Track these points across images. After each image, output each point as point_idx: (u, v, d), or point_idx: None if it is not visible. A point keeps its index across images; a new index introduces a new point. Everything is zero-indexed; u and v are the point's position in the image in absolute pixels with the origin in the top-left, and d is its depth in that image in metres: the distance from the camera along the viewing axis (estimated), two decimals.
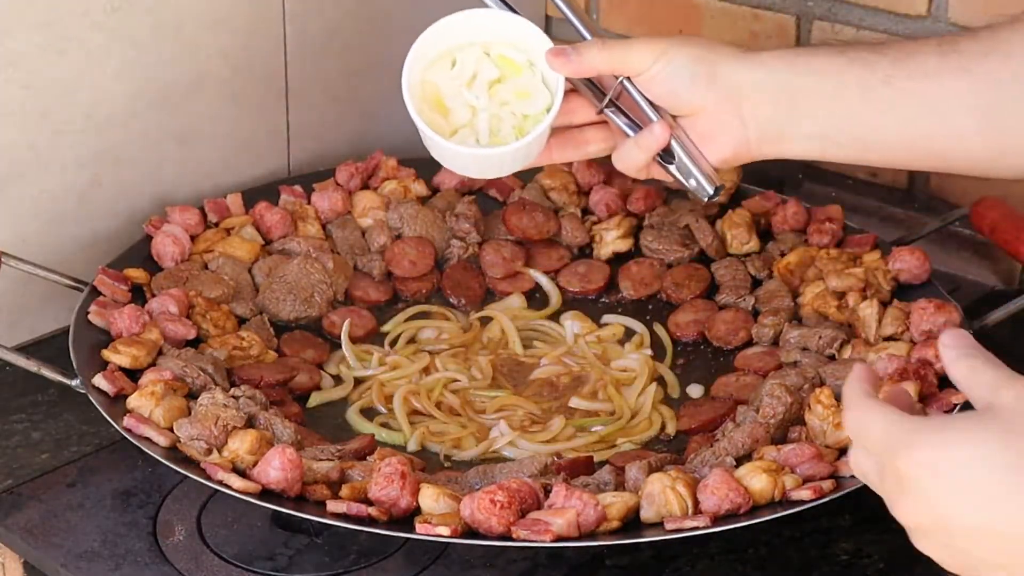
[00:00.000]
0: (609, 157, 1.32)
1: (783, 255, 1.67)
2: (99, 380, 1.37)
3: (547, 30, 1.27)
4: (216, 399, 1.34)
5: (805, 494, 1.23)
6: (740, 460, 1.30)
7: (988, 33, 1.15)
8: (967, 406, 1.33)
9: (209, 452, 1.29)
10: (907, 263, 1.58)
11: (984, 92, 1.13)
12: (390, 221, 1.74)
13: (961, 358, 0.83)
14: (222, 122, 1.76)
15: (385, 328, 1.63)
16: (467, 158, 1.28)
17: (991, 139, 1.15)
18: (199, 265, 1.62)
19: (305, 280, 1.62)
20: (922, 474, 0.77)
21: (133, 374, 1.40)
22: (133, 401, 1.33)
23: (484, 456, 1.41)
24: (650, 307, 1.69)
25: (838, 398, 1.35)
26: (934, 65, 1.15)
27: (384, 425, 1.46)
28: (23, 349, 1.51)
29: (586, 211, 1.79)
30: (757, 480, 1.23)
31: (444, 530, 1.19)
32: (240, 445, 1.28)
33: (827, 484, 1.24)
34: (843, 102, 1.19)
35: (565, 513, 1.19)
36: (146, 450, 1.29)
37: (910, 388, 1.35)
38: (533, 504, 1.22)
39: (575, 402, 1.50)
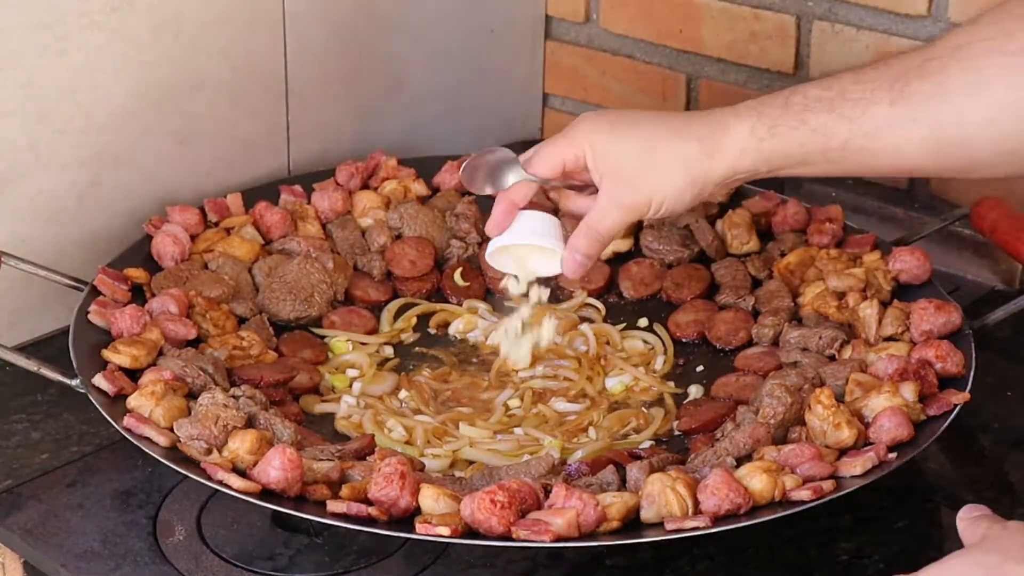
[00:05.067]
0: None
1: (783, 255, 1.67)
2: (99, 380, 1.36)
3: (547, 30, 1.27)
4: (216, 399, 1.34)
5: (805, 494, 1.23)
6: (740, 460, 1.30)
7: (935, 67, 1.25)
8: (967, 406, 1.34)
9: (209, 452, 1.29)
10: (907, 263, 1.58)
11: (930, 138, 1.27)
12: (390, 221, 1.74)
13: (967, 520, 1.10)
14: (222, 122, 1.76)
15: (384, 329, 1.63)
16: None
17: (942, 167, 1.33)
18: (199, 265, 1.62)
19: (305, 280, 1.62)
20: None
21: (133, 374, 1.39)
22: (133, 401, 1.33)
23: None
24: (650, 307, 1.68)
25: (838, 398, 1.35)
26: (885, 119, 1.27)
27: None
28: (23, 349, 1.51)
29: None
30: (757, 480, 1.23)
31: (444, 530, 1.18)
32: (240, 445, 1.27)
33: (827, 484, 1.24)
34: (809, 168, 1.34)
35: (565, 513, 1.19)
36: (146, 450, 1.29)
37: (910, 388, 1.35)
38: (533, 504, 1.22)
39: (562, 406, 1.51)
